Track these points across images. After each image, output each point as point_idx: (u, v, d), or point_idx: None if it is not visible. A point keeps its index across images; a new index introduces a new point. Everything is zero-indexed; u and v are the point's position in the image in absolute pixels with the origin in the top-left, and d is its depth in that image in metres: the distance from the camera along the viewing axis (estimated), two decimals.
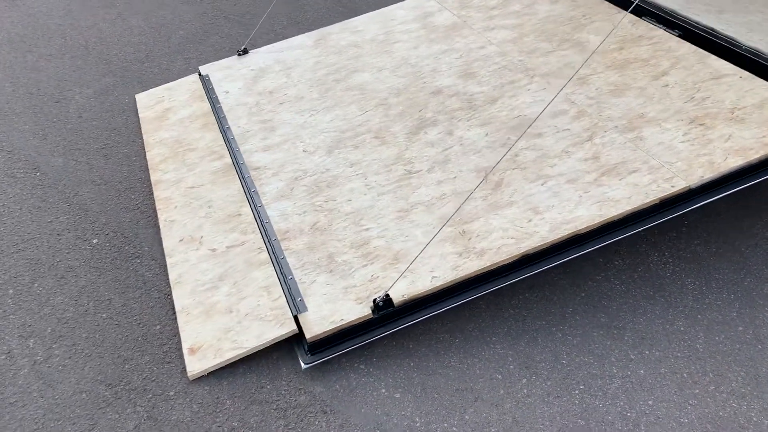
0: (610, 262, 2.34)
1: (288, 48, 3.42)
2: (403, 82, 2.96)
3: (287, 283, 2.14)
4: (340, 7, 4.24)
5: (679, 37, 2.78)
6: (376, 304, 1.97)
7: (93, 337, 2.17)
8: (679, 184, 2.11)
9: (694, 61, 2.62)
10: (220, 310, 2.14)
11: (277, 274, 2.19)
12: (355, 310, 2.01)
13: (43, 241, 2.54)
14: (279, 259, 2.23)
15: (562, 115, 2.52)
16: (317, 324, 1.99)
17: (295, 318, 2.04)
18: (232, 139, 2.82)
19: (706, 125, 2.30)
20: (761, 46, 2.57)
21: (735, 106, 2.34)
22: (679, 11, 2.90)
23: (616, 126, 2.41)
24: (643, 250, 2.38)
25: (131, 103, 3.35)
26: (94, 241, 2.54)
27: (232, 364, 2.03)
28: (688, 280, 2.27)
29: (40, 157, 3.00)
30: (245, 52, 3.44)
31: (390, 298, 1.98)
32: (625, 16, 2.96)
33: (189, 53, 3.81)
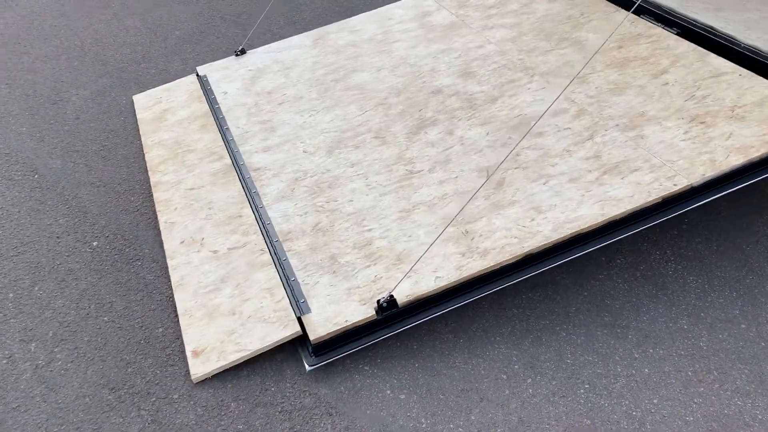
0: (613, 261, 2.34)
1: (286, 48, 3.41)
2: (402, 81, 2.95)
3: (290, 284, 2.13)
4: (337, 7, 4.24)
5: (678, 35, 2.79)
6: (380, 305, 1.97)
7: (95, 340, 2.15)
8: (681, 182, 2.11)
9: (693, 59, 2.63)
10: (223, 313, 2.13)
11: (279, 275, 2.19)
12: (359, 311, 2.00)
13: (43, 244, 2.53)
14: (281, 261, 2.22)
15: (562, 114, 2.52)
16: (321, 325, 1.98)
17: (299, 320, 2.03)
18: (232, 140, 2.81)
19: (707, 123, 2.30)
20: (759, 43, 2.58)
21: (735, 104, 2.35)
22: (677, 9, 2.91)
23: (617, 125, 2.41)
24: (644, 248, 2.39)
25: (129, 105, 3.33)
26: (94, 243, 2.52)
27: (236, 366, 2.02)
28: (691, 278, 2.27)
29: (37, 160, 2.98)
30: (243, 52, 3.43)
31: (394, 298, 1.97)
32: (626, 17, 2.96)
33: (186, 54, 3.79)
